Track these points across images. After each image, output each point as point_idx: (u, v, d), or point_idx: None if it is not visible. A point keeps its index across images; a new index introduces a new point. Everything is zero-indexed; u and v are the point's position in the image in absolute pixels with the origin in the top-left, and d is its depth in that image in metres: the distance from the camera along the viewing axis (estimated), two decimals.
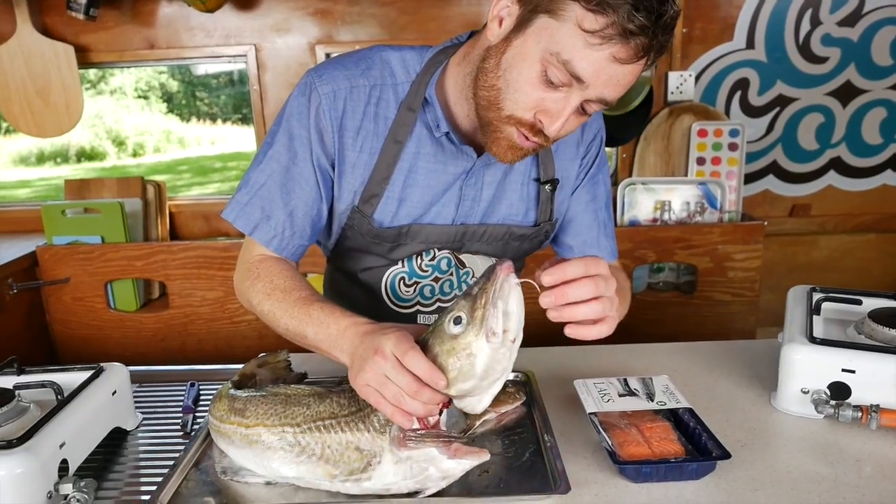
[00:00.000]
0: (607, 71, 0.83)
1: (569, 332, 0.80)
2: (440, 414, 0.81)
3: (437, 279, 1.13)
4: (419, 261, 1.12)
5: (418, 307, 1.15)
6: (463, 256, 1.13)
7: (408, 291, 1.13)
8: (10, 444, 0.84)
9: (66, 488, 0.85)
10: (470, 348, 0.75)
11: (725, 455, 0.84)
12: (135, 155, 9.49)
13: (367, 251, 1.12)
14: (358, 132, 1.02)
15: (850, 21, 2.46)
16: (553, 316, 0.78)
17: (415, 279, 1.12)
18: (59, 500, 0.85)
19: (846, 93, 2.53)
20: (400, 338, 0.77)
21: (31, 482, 0.83)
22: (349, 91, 1.01)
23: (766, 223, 2.33)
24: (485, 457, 0.79)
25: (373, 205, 1.06)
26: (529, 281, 0.79)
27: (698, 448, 0.88)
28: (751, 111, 2.56)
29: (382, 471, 0.81)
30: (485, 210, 1.10)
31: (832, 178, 2.63)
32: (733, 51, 2.50)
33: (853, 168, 2.62)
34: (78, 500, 0.83)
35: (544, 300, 0.78)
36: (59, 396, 0.97)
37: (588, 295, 0.77)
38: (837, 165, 2.62)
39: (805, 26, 2.47)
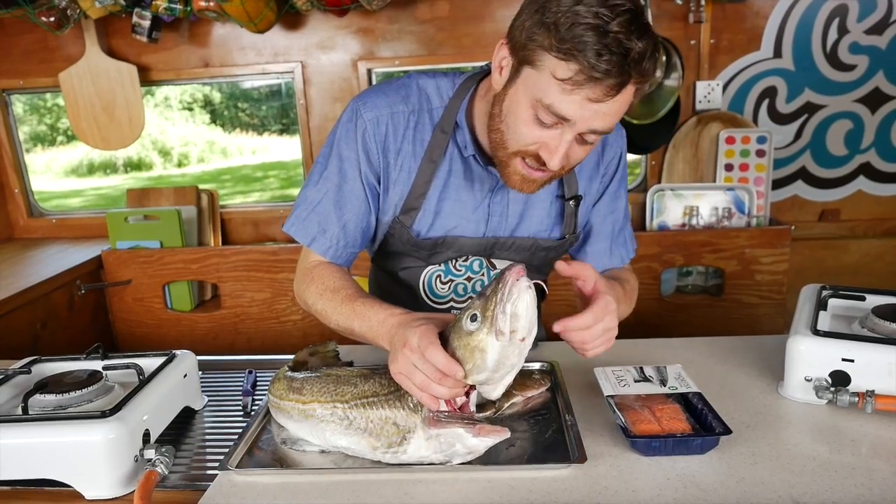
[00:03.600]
0: (588, 110, 0.92)
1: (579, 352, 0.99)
2: (467, 396, 0.93)
3: (469, 278, 1.25)
4: (454, 262, 1.25)
5: (452, 303, 1.27)
6: (494, 260, 1.25)
7: (443, 288, 1.26)
8: (104, 414, 0.98)
9: (150, 453, 0.99)
10: (482, 345, 0.85)
11: (727, 431, 0.94)
12: (180, 165, 9.84)
13: (408, 254, 1.24)
14: (399, 153, 1.15)
15: (877, 29, 2.50)
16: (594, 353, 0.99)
17: (450, 277, 1.25)
18: (144, 463, 0.99)
19: (875, 99, 2.57)
20: (424, 332, 0.89)
21: (121, 447, 0.97)
22: (390, 117, 1.14)
23: (792, 227, 2.38)
24: (505, 434, 0.90)
25: (412, 217, 1.18)
26: (540, 283, 0.91)
27: (704, 427, 0.98)
28: (779, 118, 2.62)
29: (416, 445, 0.94)
30: (514, 226, 1.21)
31: (862, 183, 2.67)
32: (761, 60, 2.56)
33: (883, 173, 2.65)
34: (161, 462, 0.97)
35: (594, 351, 0.99)
36: (140, 377, 1.12)
37: (598, 338, 0.97)
38: (867, 171, 2.65)
39: (832, 35, 2.52)
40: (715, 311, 2.46)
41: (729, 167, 2.56)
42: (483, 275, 1.25)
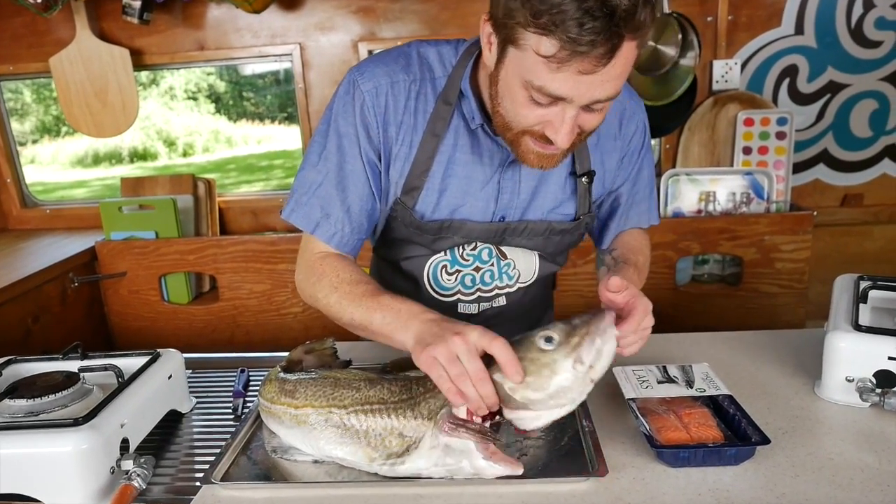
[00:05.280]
0: (582, 84, 0.82)
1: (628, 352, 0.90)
2: (491, 418, 0.84)
3: (477, 269, 1.15)
4: (461, 250, 1.14)
5: (459, 296, 1.17)
6: (504, 248, 1.15)
7: (449, 280, 1.16)
8: (76, 422, 0.90)
9: (127, 464, 0.91)
10: (554, 365, 0.79)
11: (765, 440, 0.84)
12: (185, 155, 9.78)
13: (411, 241, 1.14)
14: (400, 126, 1.05)
15: None
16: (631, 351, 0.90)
17: (456, 267, 1.15)
18: (121, 475, 0.90)
19: None
20: (486, 330, 0.81)
21: (95, 457, 0.88)
22: (390, 86, 1.04)
23: (815, 213, 2.27)
24: (518, 470, 0.81)
25: (414, 197, 1.08)
26: (621, 349, 0.86)
27: (737, 434, 0.89)
28: (800, 99, 2.50)
29: (418, 455, 0.85)
30: (526, 204, 1.11)
31: (887, 167, 2.55)
32: (781, 37, 2.44)
33: None
34: (138, 475, 0.89)
35: (631, 348, 0.90)
36: (119, 379, 1.03)
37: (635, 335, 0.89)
38: (893, 153, 2.53)
39: (858, 9, 2.39)
40: (733, 302, 2.36)
41: (747, 150, 2.45)
42: (493, 265, 1.15)
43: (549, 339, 0.80)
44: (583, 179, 1.11)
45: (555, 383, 0.79)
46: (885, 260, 2.58)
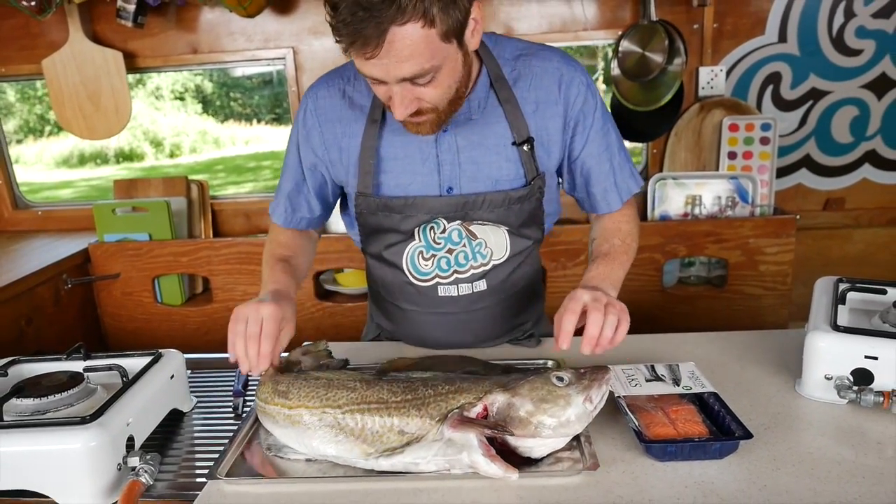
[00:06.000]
0: (375, 66, 0.96)
1: (599, 351, 0.99)
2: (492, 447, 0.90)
3: (450, 251, 1.22)
4: (432, 234, 1.21)
5: (437, 279, 1.24)
6: (473, 227, 1.21)
7: (426, 265, 1.24)
8: (83, 420, 0.92)
9: (134, 461, 0.94)
10: (569, 398, 0.90)
11: (747, 435, 0.88)
12: (172, 155, 9.73)
13: (383, 228, 1.24)
14: (340, 121, 1.22)
15: (885, 13, 2.44)
16: (591, 351, 0.99)
17: (431, 252, 1.23)
18: (128, 472, 0.93)
19: (881, 85, 2.51)
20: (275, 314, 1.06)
21: (103, 454, 0.91)
22: (326, 89, 1.23)
23: (798, 217, 2.33)
24: (511, 475, 0.86)
25: (368, 182, 1.22)
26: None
27: (722, 429, 0.93)
28: (783, 105, 2.56)
29: (419, 446, 0.88)
30: (472, 174, 1.20)
31: (867, 171, 2.61)
32: (765, 45, 2.50)
33: (889, 161, 2.59)
34: (145, 471, 0.91)
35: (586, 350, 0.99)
36: (124, 379, 1.06)
37: (598, 322, 0.98)
38: (872, 158, 2.60)
39: (839, 19, 2.46)
40: (718, 303, 2.41)
41: (732, 155, 2.50)
42: (465, 245, 1.22)
43: (560, 378, 0.92)
44: (523, 147, 1.19)
45: (566, 413, 0.88)
46: (866, 262, 2.65)
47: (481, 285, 1.25)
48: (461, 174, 1.20)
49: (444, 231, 1.21)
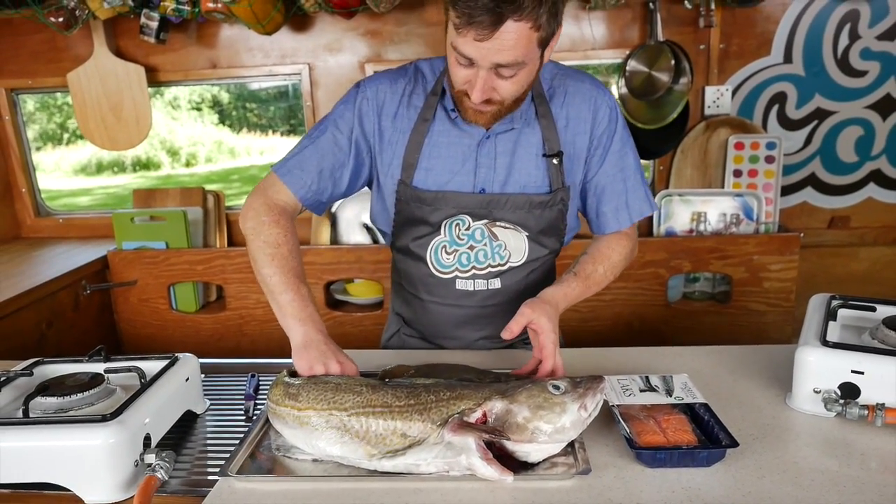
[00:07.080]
0: (480, 48, 1.06)
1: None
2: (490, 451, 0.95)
3: (472, 247, 1.32)
4: (457, 230, 1.30)
5: (456, 273, 1.34)
6: (495, 229, 1.30)
7: (448, 258, 1.33)
8: (104, 418, 0.98)
9: (150, 458, 0.99)
10: (565, 406, 0.94)
11: (734, 443, 0.92)
12: (188, 165, 9.86)
13: (414, 219, 1.32)
14: (395, 116, 1.30)
15: (889, 35, 2.47)
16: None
17: (454, 247, 1.32)
18: (144, 468, 0.98)
19: (886, 106, 2.54)
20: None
21: (121, 451, 0.97)
22: (389, 86, 1.31)
23: (801, 234, 2.36)
24: (507, 478, 0.90)
25: (410, 174, 1.31)
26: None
27: (711, 439, 0.97)
28: (788, 124, 2.59)
29: (420, 448, 0.93)
30: (504, 178, 1.30)
31: (872, 191, 2.64)
32: (771, 65, 2.54)
33: (894, 180, 2.61)
34: (161, 468, 0.96)
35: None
36: (142, 380, 1.11)
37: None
38: (878, 178, 2.62)
39: (843, 40, 2.50)
40: (722, 319, 2.44)
41: (737, 173, 2.54)
42: (486, 244, 1.31)
43: (556, 387, 0.96)
44: (553, 160, 1.28)
45: (563, 420, 0.93)
46: (871, 280, 2.66)
47: (496, 283, 1.33)
48: (494, 178, 1.30)
49: (468, 228, 1.31)
